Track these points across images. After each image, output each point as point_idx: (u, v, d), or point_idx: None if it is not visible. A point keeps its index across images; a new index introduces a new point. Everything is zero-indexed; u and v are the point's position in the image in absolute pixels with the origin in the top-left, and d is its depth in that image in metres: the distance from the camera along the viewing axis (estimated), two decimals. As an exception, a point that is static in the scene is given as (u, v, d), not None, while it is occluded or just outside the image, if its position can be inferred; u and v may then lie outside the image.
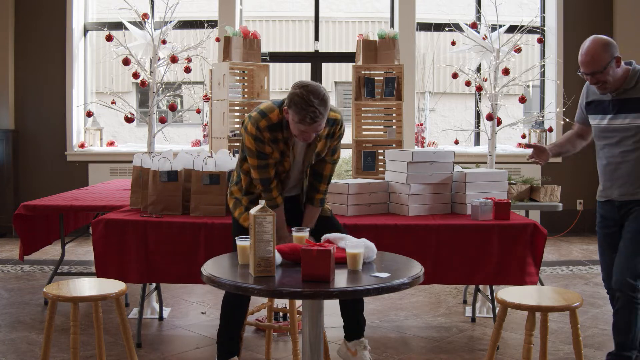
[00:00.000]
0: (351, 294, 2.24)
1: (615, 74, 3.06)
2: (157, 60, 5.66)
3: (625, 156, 3.17)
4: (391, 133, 6.24)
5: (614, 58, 3.04)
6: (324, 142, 3.08)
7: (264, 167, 3.04)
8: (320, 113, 2.82)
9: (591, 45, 3.06)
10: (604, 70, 3.03)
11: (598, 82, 3.09)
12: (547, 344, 2.77)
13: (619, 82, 3.09)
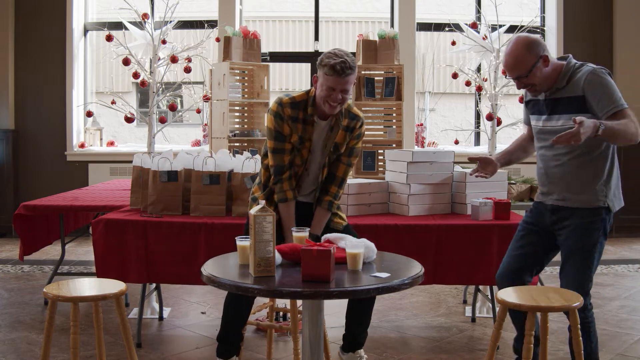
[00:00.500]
0: (351, 294, 2.24)
1: (544, 74, 2.80)
2: (157, 60, 5.66)
3: (558, 160, 2.86)
4: (391, 133, 6.24)
5: (540, 58, 2.77)
6: (343, 134, 3.05)
7: (279, 151, 3.00)
8: (350, 66, 2.86)
9: (513, 47, 2.80)
10: (529, 73, 2.77)
11: (526, 85, 2.84)
12: (547, 344, 2.76)
13: (549, 81, 2.83)
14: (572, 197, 2.85)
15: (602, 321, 4.11)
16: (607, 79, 2.76)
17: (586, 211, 2.85)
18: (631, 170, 7.30)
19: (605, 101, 2.72)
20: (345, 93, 2.91)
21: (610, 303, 4.55)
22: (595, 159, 2.83)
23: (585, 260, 2.87)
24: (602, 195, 2.86)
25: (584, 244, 2.85)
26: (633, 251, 6.48)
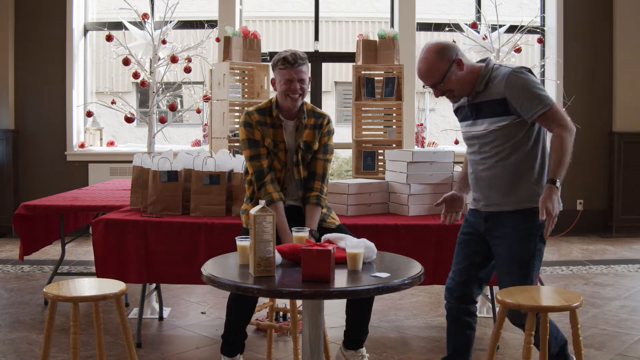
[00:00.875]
0: (351, 294, 2.24)
1: (460, 78, 2.69)
2: (157, 60, 5.67)
3: (485, 164, 2.74)
4: (391, 133, 6.24)
5: (452, 62, 2.66)
6: (312, 133, 3.22)
7: (256, 157, 3.15)
8: (300, 57, 3.10)
9: (424, 54, 2.69)
10: (443, 79, 2.67)
11: (443, 92, 2.73)
12: (547, 344, 2.76)
13: (468, 86, 2.71)
14: (503, 200, 2.70)
15: (602, 321, 4.12)
16: (528, 78, 2.63)
17: (519, 215, 2.68)
18: (631, 170, 7.32)
19: (528, 104, 2.60)
20: (303, 83, 3.12)
21: (610, 303, 4.55)
22: (524, 158, 2.68)
23: (523, 271, 2.68)
24: (535, 195, 2.66)
25: (522, 255, 2.68)
26: (633, 251, 6.49)
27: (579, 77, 7.44)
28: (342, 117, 13.12)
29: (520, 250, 2.67)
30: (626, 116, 7.37)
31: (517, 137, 2.66)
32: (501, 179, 2.70)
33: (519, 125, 2.65)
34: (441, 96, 2.76)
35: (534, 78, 2.66)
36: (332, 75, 12.52)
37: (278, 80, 3.14)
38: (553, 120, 2.60)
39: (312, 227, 3.09)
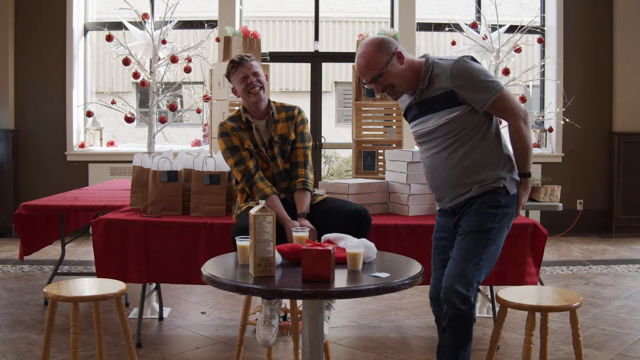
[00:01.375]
0: (351, 294, 2.24)
1: (400, 72, 2.61)
2: (157, 60, 5.67)
3: (437, 159, 2.68)
4: (391, 133, 6.24)
5: (392, 55, 2.59)
6: (285, 125, 3.35)
7: (240, 162, 3.26)
8: (246, 55, 3.25)
9: (363, 48, 2.63)
10: (383, 72, 2.58)
11: (384, 88, 2.65)
12: (547, 344, 2.77)
13: (411, 81, 2.64)
14: (465, 189, 2.61)
15: (602, 321, 4.12)
16: (472, 66, 2.58)
17: (480, 196, 2.60)
18: (631, 170, 7.32)
19: (477, 93, 2.56)
20: (258, 76, 3.26)
21: (610, 303, 4.55)
22: (480, 143, 2.61)
23: (475, 245, 2.54)
24: (499, 178, 2.59)
25: (477, 226, 2.56)
26: (633, 251, 6.49)
27: (579, 77, 7.44)
28: (342, 117, 13.11)
29: (477, 225, 2.56)
30: (626, 116, 7.37)
31: (470, 125, 2.60)
32: (460, 169, 2.61)
33: (471, 113, 2.60)
34: (382, 92, 2.70)
35: (478, 65, 2.61)
36: (332, 76, 12.52)
37: (235, 84, 3.28)
38: (505, 110, 2.59)
39: (303, 210, 3.19)
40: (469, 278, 2.48)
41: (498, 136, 2.67)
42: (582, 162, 7.49)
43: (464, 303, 2.46)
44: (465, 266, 2.50)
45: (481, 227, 2.55)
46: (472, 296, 2.49)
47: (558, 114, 6.85)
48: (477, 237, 2.55)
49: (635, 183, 7.30)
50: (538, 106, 7.89)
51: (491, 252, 2.57)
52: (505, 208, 2.60)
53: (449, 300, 2.47)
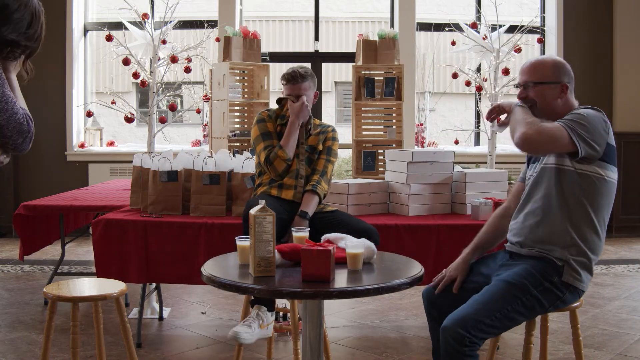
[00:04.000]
0: (351, 294, 2.24)
1: (551, 100, 2.52)
2: (157, 60, 5.66)
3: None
4: (391, 133, 6.24)
5: (559, 83, 2.52)
6: (316, 139, 3.50)
7: (269, 146, 3.41)
8: (300, 75, 3.38)
9: (545, 57, 2.60)
10: (539, 84, 2.50)
11: (526, 98, 2.54)
12: (547, 344, 2.77)
13: (551, 117, 2.49)
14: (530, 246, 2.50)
15: (602, 321, 4.12)
16: (595, 117, 2.46)
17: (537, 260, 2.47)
18: (631, 170, 7.31)
19: (565, 117, 2.43)
20: (302, 93, 3.39)
21: (610, 303, 4.55)
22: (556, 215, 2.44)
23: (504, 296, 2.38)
24: (558, 254, 2.44)
25: (517, 281, 2.41)
26: (633, 251, 6.49)
27: (579, 77, 7.39)
28: (342, 117, 13.11)
29: (519, 279, 2.39)
30: (626, 116, 7.37)
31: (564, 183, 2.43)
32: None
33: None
34: (522, 101, 2.54)
35: (600, 123, 2.44)
36: (332, 75, 12.52)
37: (284, 89, 3.46)
38: (547, 124, 2.40)
39: (305, 209, 3.30)
40: (477, 325, 2.30)
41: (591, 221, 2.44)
42: (582, 162, 7.48)
43: (461, 345, 2.27)
44: (476, 311, 2.32)
45: (521, 284, 2.39)
46: (475, 343, 2.29)
47: (558, 114, 6.85)
48: (513, 289, 2.38)
49: (635, 183, 7.30)
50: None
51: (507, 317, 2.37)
52: (555, 289, 2.42)
53: (446, 339, 2.30)
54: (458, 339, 2.26)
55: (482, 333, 2.29)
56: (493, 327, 2.32)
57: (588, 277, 2.46)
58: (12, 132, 1.97)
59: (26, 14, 2.13)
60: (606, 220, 2.50)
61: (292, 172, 3.42)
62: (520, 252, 2.50)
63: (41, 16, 2.20)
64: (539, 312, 2.43)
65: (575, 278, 2.41)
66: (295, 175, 3.42)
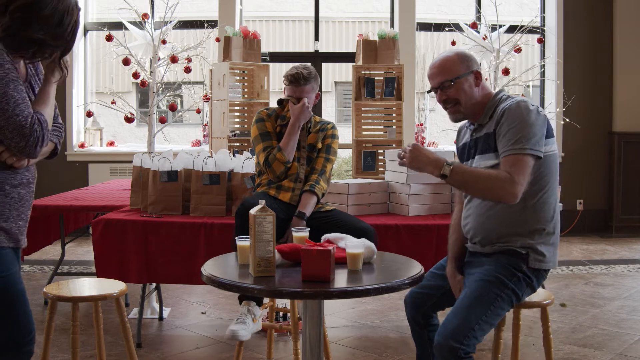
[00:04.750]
0: (351, 294, 2.24)
1: (470, 93, 2.46)
2: (157, 60, 5.67)
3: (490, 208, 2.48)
4: (391, 133, 6.24)
5: (471, 72, 2.47)
6: (315, 136, 3.47)
7: (268, 147, 3.37)
8: (303, 76, 3.33)
9: (445, 53, 2.54)
10: (455, 80, 2.45)
11: (448, 99, 2.48)
12: (518, 341, 2.76)
13: (476, 108, 2.47)
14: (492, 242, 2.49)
15: (602, 321, 4.12)
16: (531, 115, 2.33)
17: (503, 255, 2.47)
18: (631, 170, 7.32)
19: (509, 137, 2.32)
20: (306, 94, 3.36)
21: (610, 303, 4.55)
22: (510, 207, 2.41)
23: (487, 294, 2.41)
24: (521, 243, 2.43)
25: (494, 277, 2.42)
26: (633, 251, 6.49)
27: (579, 77, 7.44)
28: (342, 117, 13.12)
29: (494, 275, 2.41)
30: (626, 116, 7.38)
31: None
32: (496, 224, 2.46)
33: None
34: (444, 103, 2.51)
35: (538, 117, 2.35)
36: (332, 75, 12.52)
37: (286, 89, 3.42)
38: (510, 167, 2.31)
39: (302, 210, 3.28)
40: (468, 334, 2.30)
41: (543, 204, 2.43)
42: (582, 162, 7.49)
43: (456, 357, 2.27)
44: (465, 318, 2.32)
45: (497, 279, 2.39)
46: (469, 352, 2.29)
47: (558, 114, 6.85)
48: (491, 287, 2.38)
49: (635, 183, 7.30)
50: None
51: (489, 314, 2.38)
52: (526, 277, 2.42)
53: (441, 355, 2.30)
54: (453, 352, 2.27)
55: (473, 339, 2.31)
56: (482, 330, 2.35)
57: (552, 251, 2.47)
58: (13, 133, 1.98)
59: (57, 12, 2.02)
60: (556, 187, 2.48)
61: (291, 175, 3.39)
62: (483, 250, 2.51)
63: (75, 13, 2.08)
64: (515, 302, 2.46)
65: (541, 261, 2.44)
66: (295, 179, 3.39)
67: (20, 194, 2.11)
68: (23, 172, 2.13)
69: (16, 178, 2.10)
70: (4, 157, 2.03)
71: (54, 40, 2.06)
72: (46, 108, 2.08)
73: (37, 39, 2.02)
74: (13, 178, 2.09)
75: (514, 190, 2.30)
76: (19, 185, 2.11)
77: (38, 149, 2.04)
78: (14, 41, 2.00)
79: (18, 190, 2.11)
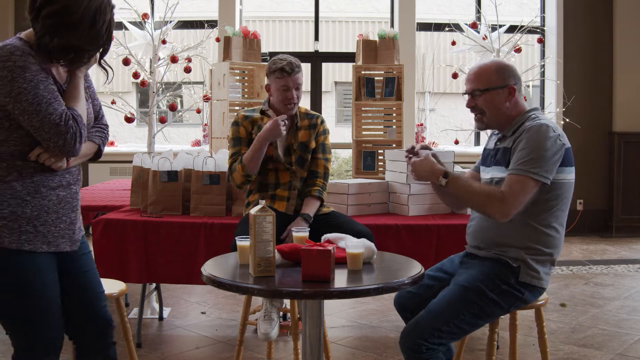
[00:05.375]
0: (351, 294, 2.24)
1: (499, 106, 2.49)
2: (157, 60, 5.67)
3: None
4: (391, 133, 6.24)
5: (506, 86, 2.48)
6: (307, 133, 3.35)
7: (235, 154, 3.32)
8: (297, 65, 3.21)
9: (486, 61, 2.58)
10: (485, 91, 2.48)
11: (475, 107, 2.53)
12: (516, 342, 2.75)
13: (501, 121, 2.52)
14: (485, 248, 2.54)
15: (602, 321, 4.12)
16: (548, 141, 2.36)
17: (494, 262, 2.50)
18: (631, 170, 7.32)
19: (520, 156, 2.36)
20: (298, 90, 3.24)
21: (610, 303, 4.55)
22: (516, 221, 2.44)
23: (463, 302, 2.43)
24: (514, 255, 2.45)
25: (473, 285, 2.44)
26: (633, 251, 6.49)
27: (579, 77, 7.44)
28: (342, 117, 13.12)
29: (474, 282, 2.43)
30: (626, 116, 7.38)
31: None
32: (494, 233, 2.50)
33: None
34: (471, 109, 2.55)
35: (554, 145, 2.37)
36: (332, 75, 12.52)
37: (274, 87, 3.26)
38: (509, 186, 2.36)
39: (306, 212, 3.24)
40: (434, 333, 2.35)
41: (548, 227, 2.44)
42: (582, 162, 7.44)
43: (418, 352, 2.33)
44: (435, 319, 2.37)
45: (476, 287, 2.41)
46: (433, 349, 2.33)
47: (558, 114, 6.85)
48: (468, 294, 2.41)
49: (635, 183, 7.29)
50: (538, 106, 7.88)
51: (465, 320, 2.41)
52: (513, 290, 2.43)
53: (404, 348, 2.38)
54: (415, 347, 2.33)
55: (439, 339, 2.35)
56: (451, 333, 2.38)
57: (547, 271, 2.47)
58: (50, 133, 1.96)
59: (88, 13, 1.95)
60: (565, 214, 2.50)
61: (284, 184, 3.30)
62: (478, 253, 2.53)
63: (107, 12, 2.00)
64: (500, 314, 2.47)
65: (533, 276, 2.43)
66: (289, 187, 3.31)
67: (59, 196, 2.09)
68: (62, 174, 2.10)
69: (54, 180, 2.08)
70: (43, 158, 2.02)
71: (90, 44, 2.00)
72: (77, 103, 2.05)
73: (72, 46, 1.97)
74: (51, 180, 2.07)
75: (505, 210, 2.36)
76: (57, 188, 2.09)
77: (77, 145, 2.01)
78: (49, 49, 1.96)
79: (57, 193, 2.09)
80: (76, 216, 2.17)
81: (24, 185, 2.02)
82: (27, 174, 2.03)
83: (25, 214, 2.01)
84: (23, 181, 2.02)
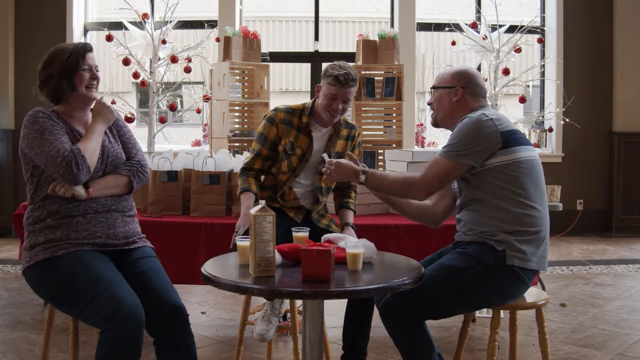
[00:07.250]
0: (351, 294, 2.24)
1: (446, 104, 2.69)
2: (157, 60, 5.67)
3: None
4: (391, 133, 6.24)
5: (454, 87, 2.66)
6: (344, 144, 3.23)
7: (256, 155, 3.17)
8: (352, 78, 3.04)
9: (454, 66, 2.79)
10: (436, 89, 2.72)
11: (430, 103, 2.77)
12: (516, 342, 2.76)
13: (447, 119, 2.70)
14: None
15: (602, 321, 4.12)
16: (464, 126, 2.52)
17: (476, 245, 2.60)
18: (631, 170, 7.32)
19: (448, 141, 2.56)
20: (346, 103, 3.09)
21: (610, 303, 4.55)
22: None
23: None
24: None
25: (451, 266, 2.55)
26: (633, 251, 6.49)
27: (579, 77, 7.44)
28: (342, 117, 13.10)
29: (452, 264, 2.53)
30: (626, 116, 7.38)
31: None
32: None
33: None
34: (430, 106, 2.79)
35: (470, 127, 2.50)
36: (332, 75, 12.48)
37: (323, 91, 3.10)
38: (424, 167, 2.56)
39: (349, 221, 3.19)
40: (412, 312, 2.49)
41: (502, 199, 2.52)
42: (582, 162, 7.49)
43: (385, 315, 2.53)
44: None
45: (450, 266, 2.52)
46: (408, 316, 2.48)
47: (558, 114, 6.86)
48: (443, 273, 2.52)
49: (635, 183, 7.30)
50: (538, 106, 7.89)
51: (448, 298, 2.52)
52: (491, 271, 2.47)
53: (384, 313, 2.55)
54: (399, 316, 2.49)
55: (414, 311, 2.48)
56: (429, 308, 2.49)
57: (534, 251, 2.50)
58: (52, 166, 2.34)
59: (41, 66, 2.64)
60: (540, 192, 2.56)
61: (299, 189, 3.18)
62: (464, 239, 2.59)
63: (58, 56, 2.74)
64: (478, 297, 2.51)
65: (519, 257, 2.46)
66: (313, 201, 3.22)
67: (86, 217, 2.43)
68: (87, 204, 2.44)
69: (78, 210, 2.43)
70: (58, 189, 2.39)
71: (43, 84, 2.62)
72: (86, 142, 2.43)
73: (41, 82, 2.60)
74: (75, 210, 2.42)
75: (422, 189, 2.55)
76: (82, 215, 2.42)
77: (76, 171, 2.32)
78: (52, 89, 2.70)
79: (84, 216, 2.42)
80: (118, 223, 2.51)
81: (53, 219, 2.40)
82: (54, 209, 2.40)
83: (56, 236, 2.37)
84: (52, 217, 2.40)
